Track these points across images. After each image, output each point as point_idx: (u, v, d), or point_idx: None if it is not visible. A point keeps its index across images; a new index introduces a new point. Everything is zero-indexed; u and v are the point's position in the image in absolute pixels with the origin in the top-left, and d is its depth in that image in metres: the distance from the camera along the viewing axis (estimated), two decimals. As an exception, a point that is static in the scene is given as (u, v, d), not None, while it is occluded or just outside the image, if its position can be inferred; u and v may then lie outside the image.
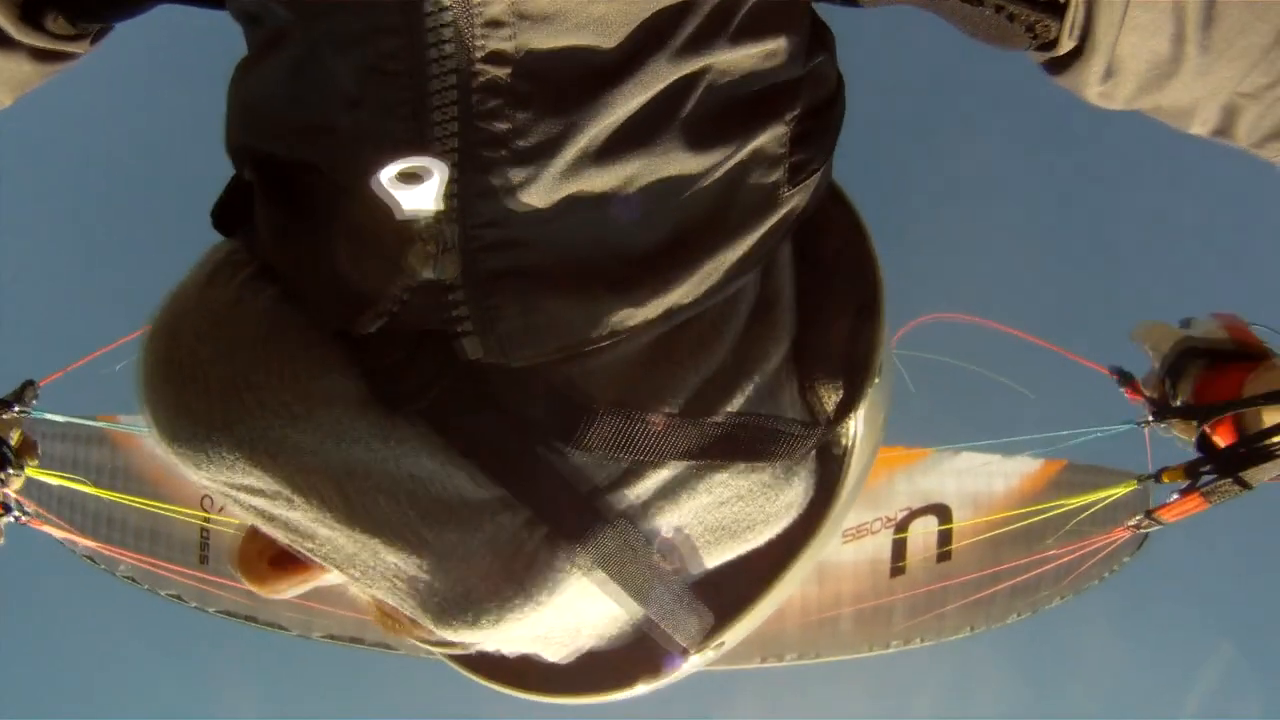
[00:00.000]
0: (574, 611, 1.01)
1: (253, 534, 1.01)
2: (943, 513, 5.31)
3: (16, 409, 2.70)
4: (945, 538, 5.28)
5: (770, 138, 0.95)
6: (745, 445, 0.98)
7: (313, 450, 0.89)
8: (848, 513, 1.10)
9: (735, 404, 0.97)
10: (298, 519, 0.92)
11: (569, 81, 0.85)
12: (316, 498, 0.90)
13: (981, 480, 5.35)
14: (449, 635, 0.97)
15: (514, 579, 0.93)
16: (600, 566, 0.95)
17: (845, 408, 1.04)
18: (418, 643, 1.11)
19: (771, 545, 1.06)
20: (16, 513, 2.74)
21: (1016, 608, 5.27)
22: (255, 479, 0.90)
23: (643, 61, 0.86)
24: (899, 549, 5.29)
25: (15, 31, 1.07)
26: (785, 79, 0.95)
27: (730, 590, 1.07)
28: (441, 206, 0.86)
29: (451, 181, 0.85)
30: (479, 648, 1.05)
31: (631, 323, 0.92)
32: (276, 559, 1.01)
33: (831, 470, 1.08)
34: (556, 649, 1.07)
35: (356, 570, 0.94)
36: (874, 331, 1.05)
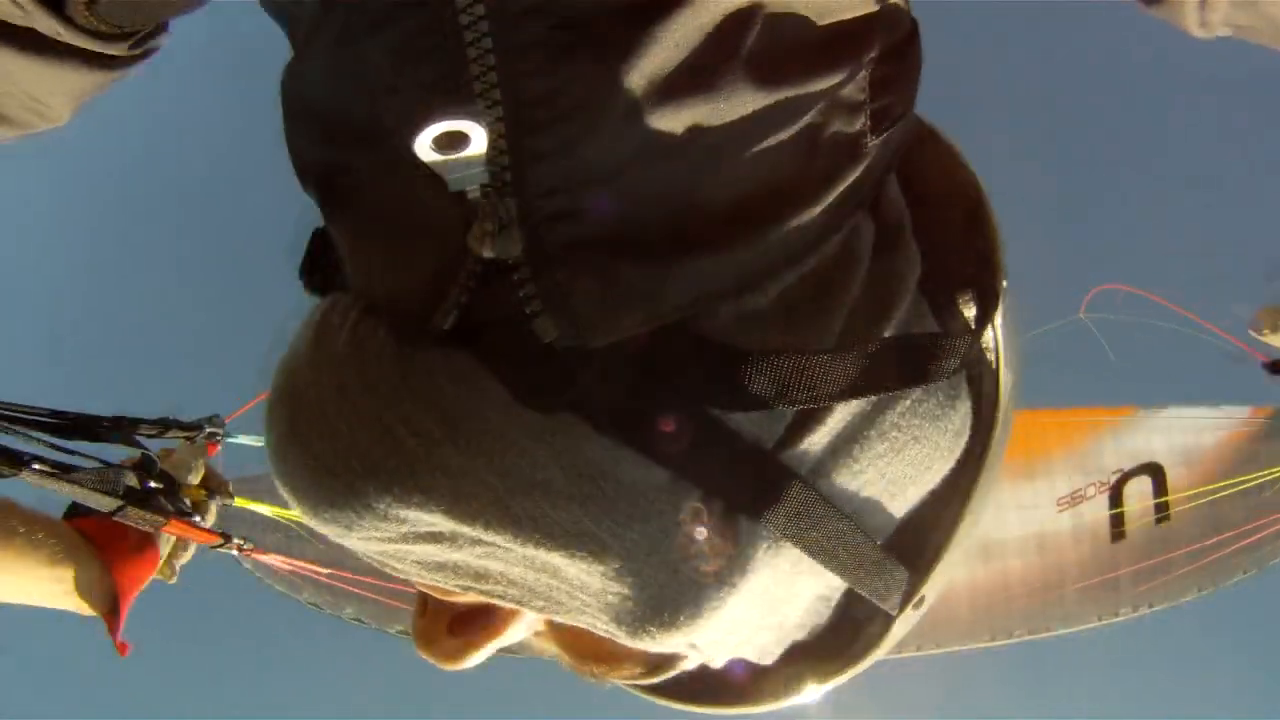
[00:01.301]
0: (771, 598, 0.93)
1: (422, 607, 0.98)
2: (1156, 471, 5.22)
3: (200, 436, 2.70)
4: (1162, 497, 5.20)
5: (847, 82, 0.88)
6: (909, 367, 0.91)
7: (465, 472, 0.82)
8: (1009, 433, 1.03)
9: (883, 333, 0.92)
10: (464, 559, 0.86)
11: (611, 24, 0.78)
12: (481, 523, 0.82)
13: (1190, 434, 5.24)
14: (648, 643, 0.89)
15: (701, 565, 0.86)
16: (787, 535, 0.87)
17: (985, 310, 0.98)
18: (622, 684, 1.04)
19: (945, 483, 0.99)
20: (238, 541, 2.71)
21: (1243, 565, 5.14)
22: (410, 522, 0.83)
23: None
24: (1116, 513, 5.20)
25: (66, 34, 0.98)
26: (856, 17, 0.88)
27: (914, 540, 0.99)
28: (488, 179, 0.80)
29: (502, 153, 0.79)
30: (681, 666, 0.99)
31: (724, 284, 0.85)
32: (454, 625, 0.96)
33: (984, 387, 1.00)
34: (763, 647, 1.01)
35: (540, 600, 0.88)
36: (989, 230, 1.01)
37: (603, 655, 0.97)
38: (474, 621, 0.95)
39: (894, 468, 0.93)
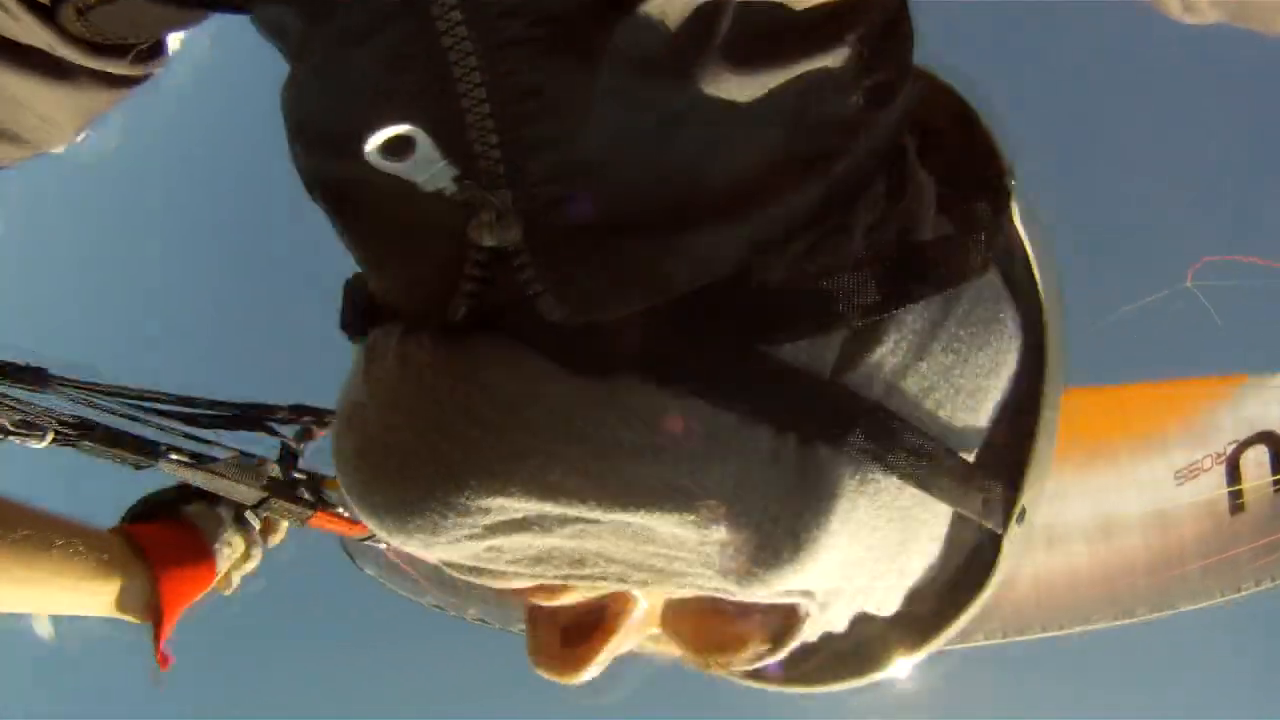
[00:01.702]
0: (879, 537, 0.92)
1: (532, 625, 0.98)
2: (1273, 440, 5.09)
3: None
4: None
5: (836, 59, 0.87)
6: (941, 268, 0.91)
7: (535, 449, 0.82)
8: (1063, 332, 1.02)
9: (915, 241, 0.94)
10: (556, 542, 0.87)
11: (586, 16, 0.79)
12: (562, 496, 0.82)
13: None
14: (759, 590, 0.88)
15: (793, 495, 0.85)
16: (867, 457, 0.87)
17: (999, 204, 0.97)
18: (748, 680, 1.05)
19: (1014, 388, 0.98)
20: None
21: None
22: (494, 512, 0.84)
23: None
24: (1234, 482, 5.07)
25: (61, 47, 0.97)
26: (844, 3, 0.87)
27: (999, 452, 0.98)
28: (456, 170, 0.82)
29: (492, 147, 0.81)
30: (801, 630, 0.97)
31: (731, 255, 0.86)
32: (567, 637, 0.96)
33: (1022, 284, 1.00)
34: (883, 596, 1.00)
35: (642, 572, 0.88)
36: (982, 133, 1.02)
37: (724, 640, 0.97)
38: (586, 629, 0.95)
39: (964, 379, 0.94)
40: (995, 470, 0.97)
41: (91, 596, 1.88)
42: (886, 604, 1.01)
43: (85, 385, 1.99)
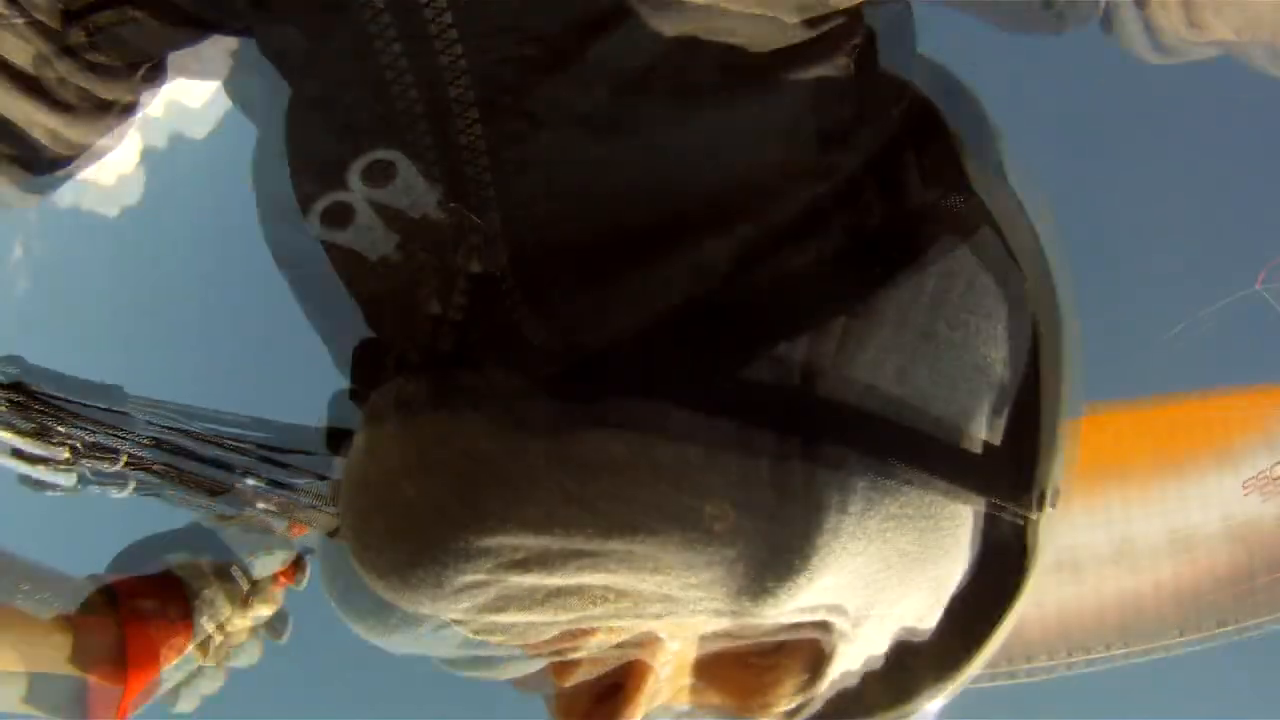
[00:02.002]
0: (903, 544, 0.89)
1: (559, 690, 0.95)
2: None
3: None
4: None
5: (828, 75, 0.89)
6: (910, 241, 0.90)
7: (530, 479, 0.82)
8: (1067, 286, 0.96)
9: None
10: (563, 581, 0.85)
11: (570, 38, 0.83)
12: (560, 526, 0.81)
13: None
14: (773, 607, 0.85)
15: (796, 502, 0.83)
16: (874, 457, 0.85)
17: (948, 169, 0.93)
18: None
19: (1025, 359, 0.93)
20: None
21: None
22: (495, 552, 0.82)
23: None
24: None
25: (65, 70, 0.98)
26: (793, 44, 0.88)
27: (1020, 431, 0.93)
28: (439, 194, 0.85)
29: (485, 169, 0.85)
30: (840, 657, 0.93)
31: (715, 268, 0.86)
32: (593, 710, 0.94)
33: (1029, 257, 0.95)
34: (921, 609, 0.95)
35: (655, 605, 0.86)
36: (971, 98, 1.00)
37: (759, 683, 0.92)
38: (611, 695, 0.92)
39: (968, 355, 0.89)
40: (1011, 453, 0.91)
41: (53, 651, 1.58)
42: (928, 617, 0.95)
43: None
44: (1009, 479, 0.90)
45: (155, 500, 1.23)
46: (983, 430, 0.90)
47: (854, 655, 0.92)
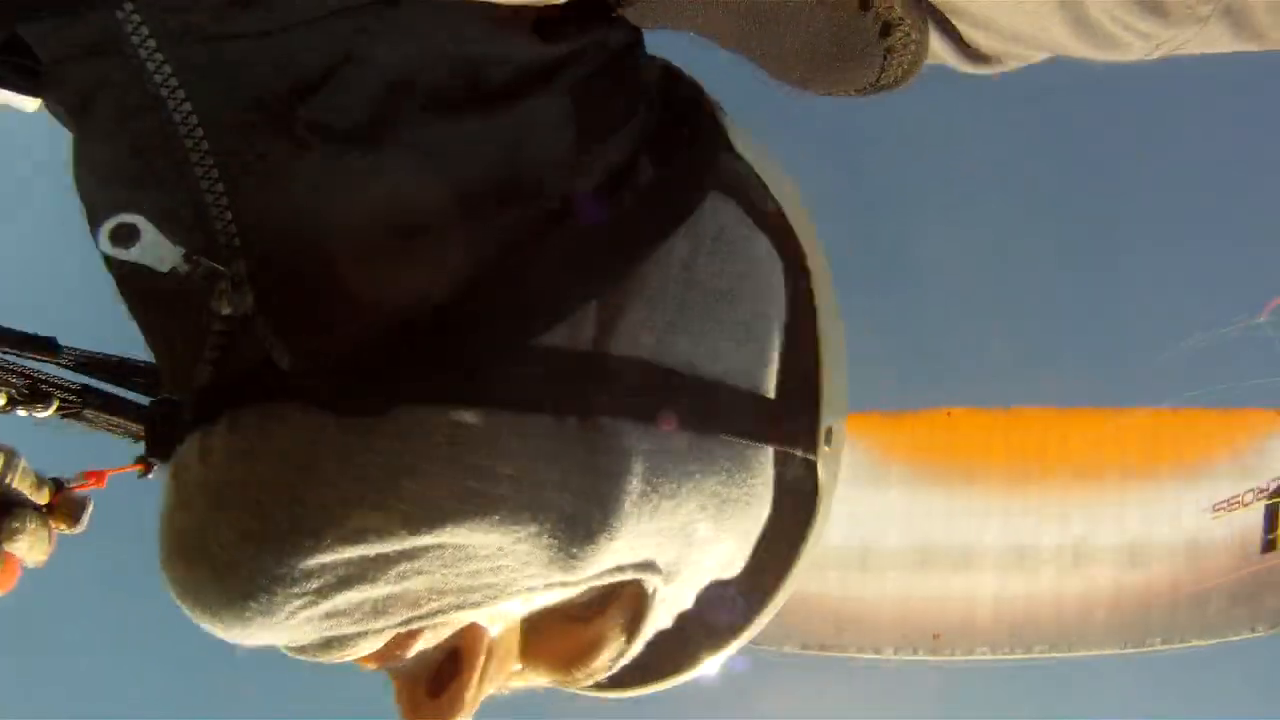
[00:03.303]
0: (687, 491, 0.93)
1: (398, 690, 0.98)
2: None
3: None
4: None
5: (542, 108, 0.92)
6: (661, 211, 0.95)
7: (332, 497, 0.84)
8: (820, 246, 1.05)
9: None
10: (387, 590, 0.88)
11: (287, 97, 0.87)
12: (374, 535, 0.84)
13: None
14: (585, 569, 0.90)
15: (584, 470, 0.88)
16: (647, 416, 0.90)
17: (702, 140, 0.99)
18: (609, 693, 1.06)
19: (789, 311, 0.99)
20: None
21: None
22: (318, 573, 0.85)
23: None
24: (1271, 521, 5.05)
25: None
26: (546, 59, 0.93)
27: (792, 378, 0.99)
28: (184, 250, 0.89)
29: (229, 223, 0.89)
30: (655, 611, 0.98)
31: (446, 275, 0.89)
32: (432, 689, 0.97)
33: (763, 208, 1.00)
34: (726, 557, 1.00)
35: (477, 593, 0.89)
36: (688, 82, 1.03)
37: (582, 647, 0.97)
38: (446, 674, 0.94)
39: (736, 310, 0.95)
40: (791, 394, 0.97)
41: None
42: (732, 564, 0.99)
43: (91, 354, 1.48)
44: (791, 424, 0.96)
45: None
46: (759, 381, 0.96)
47: (668, 609, 0.98)
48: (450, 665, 0.93)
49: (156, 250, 0.88)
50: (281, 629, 0.86)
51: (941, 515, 4.85)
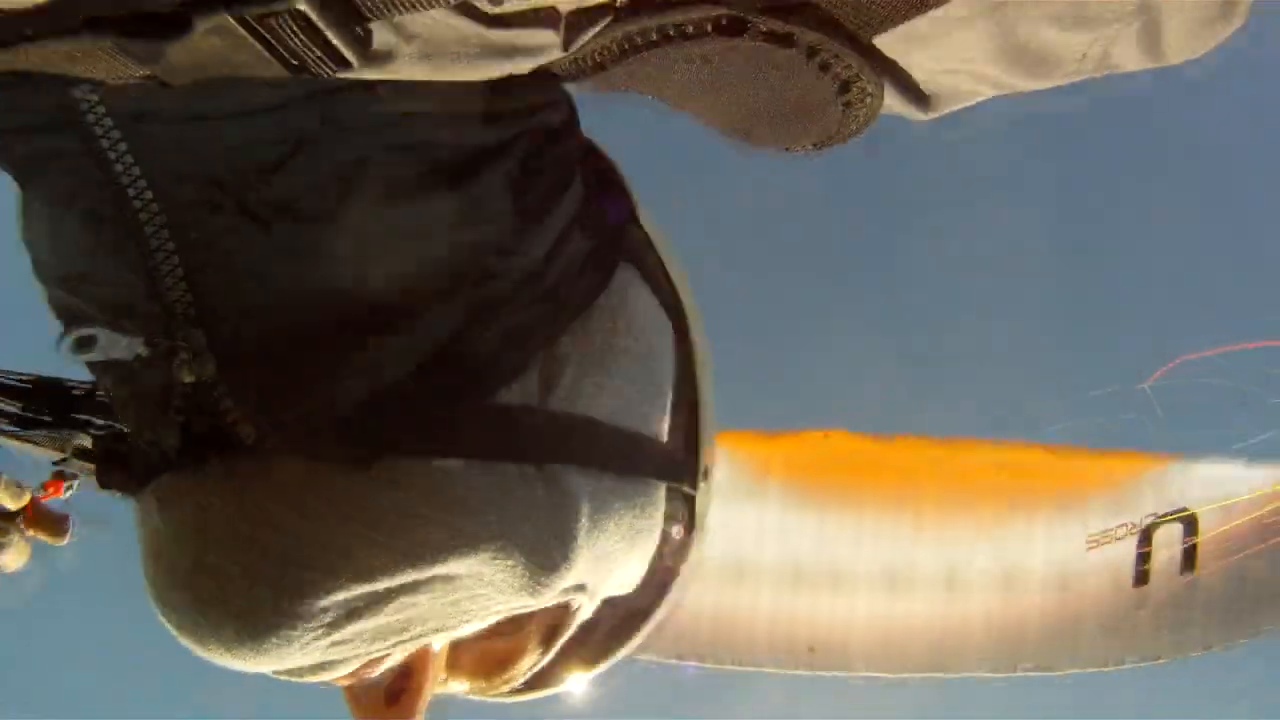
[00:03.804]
0: (618, 523, 1.09)
1: (355, 702, 1.08)
2: (1189, 521, 5.24)
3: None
4: (1191, 548, 5.20)
5: (486, 191, 1.02)
6: (580, 285, 1.07)
7: (341, 540, 0.96)
8: (696, 307, 1.21)
9: None
10: (385, 620, 0.99)
11: (244, 176, 0.94)
12: (381, 573, 0.95)
13: (1229, 488, 5.23)
14: (546, 595, 1.04)
15: (547, 512, 1.02)
16: (587, 462, 1.04)
17: (618, 228, 1.15)
18: (522, 695, 1.20)
19: (676, 369, 1.15)
20: None
21: (1262, 625, 5.13)
22: (334, 607, 0.95)
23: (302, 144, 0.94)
24: (1143, 557, 5.23)
25: None
26: (491, 142, 1.02)
27: (677, 428, 1.15)
28: (142, 339, 0.97)
29: (186, 293, 0.96)
30: (572, 624, 1.13)
31: (401, 364, 0.99)
32: (389, 700, 1.08)
33: (660, 283, 1.17)
34: (632, 577, 1.16)
35: (456, 618, 1.02)
36: (607, 163, 1.17)
37: (504, 656, 1.12)
38: (401, 686, 1.06)
39: (643, 368, 1.09)
40: (680, 442, 1.13)
41: None
42: (632, 583, 1.15)
43: None
44: (681, 464, 1.13)
45: None
46: (658, 430, 1.11)
47: (580, 619, 1.12)
48: (402, 678, 1.04)
49: (116, 347, 0.94)
50: (290, 659, 0.95)
51: (815, 535, 4.88)
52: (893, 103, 0.93)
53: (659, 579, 1.19)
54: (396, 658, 1.03)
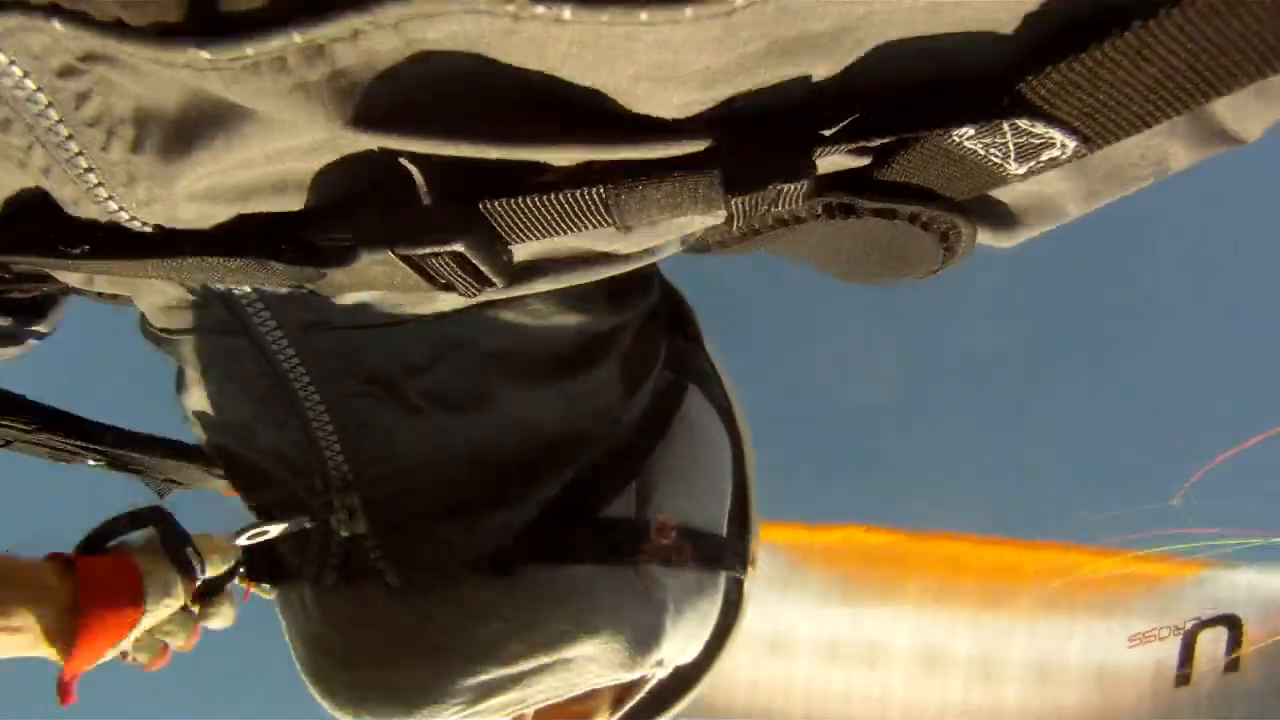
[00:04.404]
0: (692, 608, 1.35)
1: None
2: (1233, 624, 5.15)
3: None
4: (1234, 649, 5.11)
5: (601, 373, 1.21)
6: (668, 409, 1.33)
7: (494, 633, 1.18)
8: (746, 423, 1.47)
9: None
10: (515, 696, 1.20)
11: (397, 374, 1.10)
12: (522, 659, 1.17)
13: (1274, 590, 5.16)
14: (639, 671, 1.30)
15: (642, 602, 1.25)
16: (674, 560, 1.29)
17: (690, 350, 1.44)
18: None
19: (729, 466, 1.42)
20: None
21: None
22: (478, 687, 1.17)
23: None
24: (1186, 657, 5.16)
25: None
26: (607, 327, 1.20)
27: (731, 524, 1.42)
28: (308, 519, 1.20)
29: (343, 463, 1.15)
30: (643, 690, 1.39)
31: (513, 525, 1.21)
32: None
33: (720, 401, 1.45)
34: (690, 656, 1.43)
35: (567, 686, 1.24)
36: (679, 301, 1.48)
37: (580, 715, 1.34)
38: None
39: (710, 479, 1.35)
40: (735, 534, 1.38)
41: (10, 634, 1.57)
42: (694, 652, 1.41)
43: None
44: (736, 554, 1.35)
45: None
46: (722, 528, 1.33)
47: (646, 689, 1.35)
48: None
49: (285, 530, 1.18)
50: None
51: (851, 618, 4.92)
52: (983, 235, 0.96)
53: (708, 649, 1.40)
54: None
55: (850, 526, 4.97)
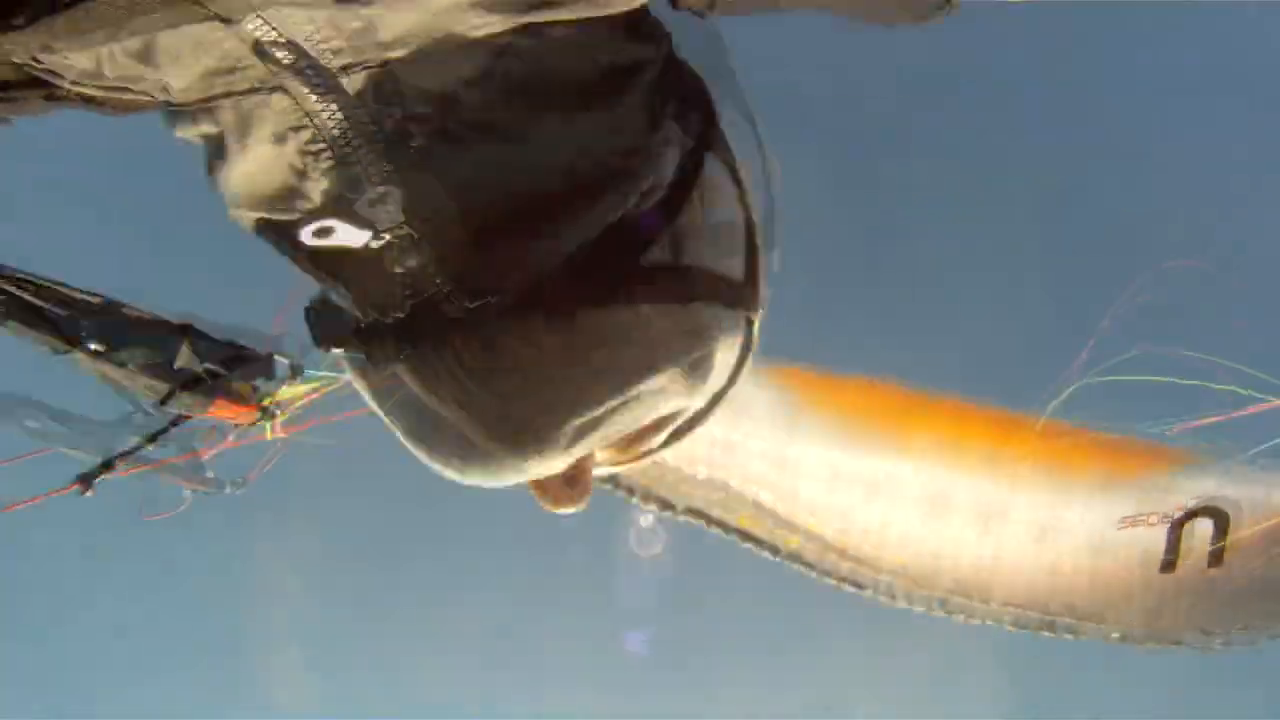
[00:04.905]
0: (728, 349, 1.52)
1: (541, 489, 1.47)
2: (1220, 518, 5.26)
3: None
4: (1219, 543, 5.22)
5: (631, 103, 1.31)
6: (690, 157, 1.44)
7: (597, 366, 1.32)
8: (758, 194, 1.57)
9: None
10: (610, 428, 1.38)
11: (442, 94, 1.19)
12: (624, 388, 1.33)
13: (1261, 489, 5.23)
14: (696, 398, 1.46)
15: (693, 335, 1.40)
16: (704, 300, 1.41)
17: (709, 121, 1.54)
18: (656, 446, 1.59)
19: (741, 217, 1.55)
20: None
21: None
22: (593, 418, 1.33)
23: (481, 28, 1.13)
24: (1173, 545, 5.25)
25: None
26: (632, 58, 1.31)
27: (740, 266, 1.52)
28: (372, 231, 1.26)
29: (388, 192, 1.23)
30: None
31: (572, 240, 1.30)
32: (566, 479, 1.44)
33: (730, 165, 1.56)
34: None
35: (634, 424, 1.41)
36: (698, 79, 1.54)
37: (635, 439, 1.51)
38: (574, 470, 1.42)
39: (728, 233, 1.48)
40: (750, 281, 1.50)
41: None
42: (720, 382, 1.54)
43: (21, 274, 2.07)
44: (752, 298, 1.48)
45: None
46: (740, 275, 1.46)
47: (687, 415, 1.53)
48: (574, 465, 1.38)
49: (349, 236, 1.23)
50: (537, 472, 1.34)
51: (855, 457, 5.01)
52: None
53: (730, 379, 1.54)
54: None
55: (861, 378, 5.00)
